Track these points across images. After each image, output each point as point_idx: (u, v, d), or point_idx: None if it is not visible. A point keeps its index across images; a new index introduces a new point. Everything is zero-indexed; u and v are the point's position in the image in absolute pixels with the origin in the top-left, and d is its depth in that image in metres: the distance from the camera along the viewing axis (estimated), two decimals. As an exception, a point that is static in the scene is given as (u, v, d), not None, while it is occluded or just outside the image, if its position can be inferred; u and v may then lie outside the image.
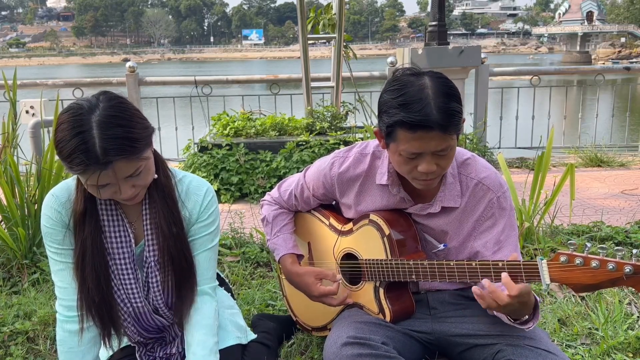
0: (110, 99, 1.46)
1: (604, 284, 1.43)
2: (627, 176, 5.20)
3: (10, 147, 3.14)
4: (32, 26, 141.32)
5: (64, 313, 1.66)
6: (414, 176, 1.63)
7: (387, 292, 1.80)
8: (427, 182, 1.65)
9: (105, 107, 1.42)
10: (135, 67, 6.02)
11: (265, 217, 2.07)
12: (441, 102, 1.51)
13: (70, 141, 1.38)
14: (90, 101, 1.44)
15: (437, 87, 1.53)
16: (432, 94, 1.52)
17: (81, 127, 1.39)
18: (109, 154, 1.38)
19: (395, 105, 1.54)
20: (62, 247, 1.63)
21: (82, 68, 75.56)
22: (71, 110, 1.43)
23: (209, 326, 1.68)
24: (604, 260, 1.41)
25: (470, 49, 5.89)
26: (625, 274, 1.38)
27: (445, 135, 1.52)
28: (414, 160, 1.58)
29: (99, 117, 1.40)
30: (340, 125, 5.11)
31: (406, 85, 1.55)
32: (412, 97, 1.52)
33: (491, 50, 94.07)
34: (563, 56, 68.22)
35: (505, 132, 6.41)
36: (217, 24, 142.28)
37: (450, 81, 1.59)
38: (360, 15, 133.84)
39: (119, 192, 1.49)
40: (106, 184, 1.46)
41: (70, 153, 1.38)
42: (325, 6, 5.47)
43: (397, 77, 1.60)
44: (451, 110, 1.52)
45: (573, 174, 3.06)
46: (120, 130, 1.40)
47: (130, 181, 1.48)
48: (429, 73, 1.58)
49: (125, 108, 1.46)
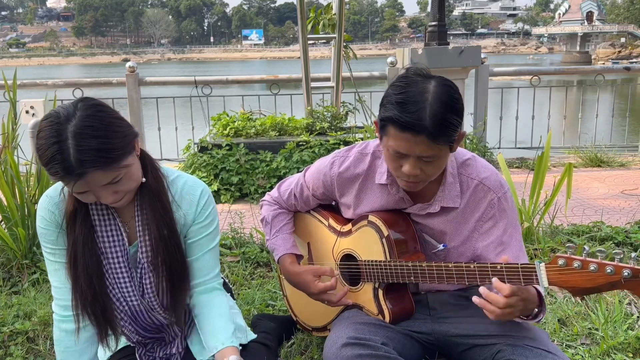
0: (87, 107, 1.44)
1: (602, 287, 1.42)
2: (627, 176, 5.20)
3: (10, 147, 3.14)
4: (32, 26, 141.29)
5: (60, 313, 1.67)
6: (398, 175, 1.64)
7: (386, 293, 1.80)
8: (409, 184, 1.65)
9: (81, 116, 1.41)
10: (135, 67, 6.02)
11: (265, 217, 2.06)
12: (437, 110, 1.49)
13: (47, 150, 1.38)
14: (67, 109, 1.43)
15: (439, 94, 1.52)
16: (431, 100, 1.50)
17: (57, 137, 1.38)
18: (84, 165, 1.38)
19: (392, 101, 1.54)
20: (56, 247, 1.64)
21: (82, 68, 75.55)
22: (50, 118, 1.42)
23: (226, 315, 1.72)
24: (602, 264, 1.40)
25: (470, 49, 5.89)
26: (624, 278, 1.37)
27: (433, 143, 1.51)
28: (399, 160, 1.59)
29: (74, 128, 1.39)
30: (340, 125, 5.11)
31: (410, 85, 1.54)
32: (410, 97, 1.52)
33: (491, 50, 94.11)
34: (563, 56, 68.20)
35: (505, 132, 6.41)
36: (217, 24, 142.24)
37: (456, 92, 1.56)
38: (360, 15, 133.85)
39: (100, 197, 1.49)
40: (85, 191, 1.46)
41: (47, 162, 1.39)
42: (325, 6, 5.47)
43: (406, 74, 1.59)
44: (445, 120, 1.50)
45: (571, 173, 3.06)
46: (94, 141, 1.39)
47: (110, 188, 1.48)
48: (438, 79, 1.56)
49: (101, 117, 1.44)
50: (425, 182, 1.65)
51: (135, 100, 6.01)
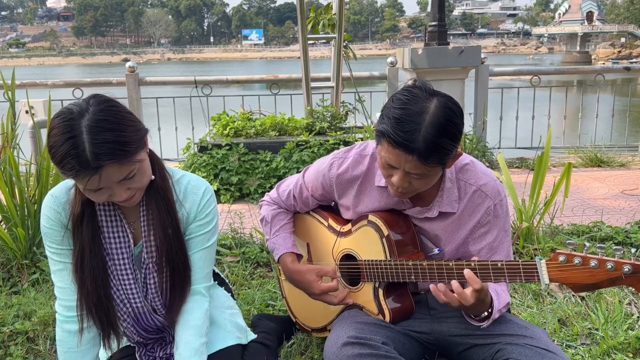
0: (100, 102, 1.45)
1: (603, 284, 1.43)
2: (627, 176, 5.20)
3: (10, 147, 3.14)
4: (32, 26, 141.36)
5: (64, 313, 1.66)
6: (389, 182, 1.66)
7: (386, 292, 1.80)
8: (398, 194, 1.66)
9: (95, 111, 1.42)
10: (135, 67, 6.02)
11: (264, 217, 2.06)
12: (431, 134, 1.48)
13: (62, 146, 1.38)
14: (80, 105, 1.43)
15: (438, 116, 1.49)
16: (427, 122, 1.49)
17: (71, 132, 1.38)
18: (99, 158, 1.38)
19: (390, 116, 1.53)
20: (61, 248, 1.63)
21: (82, 68, 75.53)
22: (62, 115, 1.42)
23: (197, 327, 1.67)
24: (602, 260, 1.42)
25: (470, 49, 5.89)
26: (624, 274, 1.38)
27: (423, 164, 1.52)
28: (390, 169, 1.60)
29: (88, 122, 1.39)
30: (340, 125, 5.10)
31: (411, 101, 1.52)
32: (408, 116, 1.50)
33: (491, 50, 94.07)
34: (563, 56, 68.16)
35: (505, 132, 6.41)
36: (217, 24, 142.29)
37: (457, 117, 1.53)
38: (360, 15, 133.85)
39: (114, 195, 1.49)
40: (100, 188, 1.45)
41: (62, 158, 1.38)
42: (325, 6, 5.47)
43: (411, 87, 1.57)
44: (437, 145, 1.49)
45: (570, 172, 3.06)
46: (110, 134, 1.39)
47: (125, 184, 1.48)
48: (442, 98, 1.53)
49: (115, 111, 1.45)
50: (414, 193, 1.67)
51: (135, 100, 6.01)
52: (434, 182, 1.66)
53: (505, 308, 1.74)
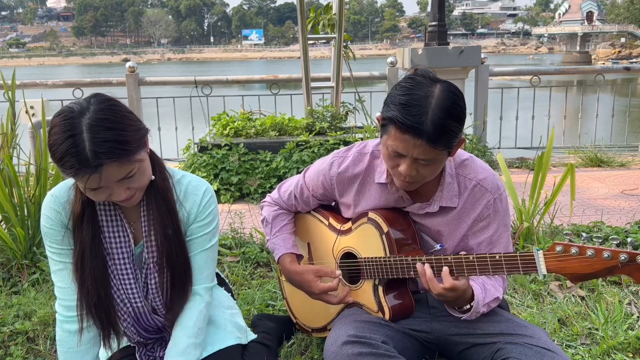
0: (101, 101, 1.45)
1: (600, 273, 1.45)
2: (627, 176, 5.20)
3: (9, 148, 3.14)
4: (32, 26, 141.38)
5: (64, 313, 1.66)
6: (395, 174, 1.66)
7: (386, 290, 1.80)
8: (404, 184, 1.66)
9: (95, 109, 1.42)
10: (135, 67, 6.02)
11: (265, 218, 2.07)
12: (438, 116, 1.50)
13: (62, 145, 1.38)
14: (81, 104, 1.43)
15: (443, 99, 1.52)
16: (434, 104, 1.51)
17: (72, 131, 1.38)
18: (99, 157, 1.38)
19: (396, 102, 1.54)
20: (62, 247, 1.63)
21: (82, 68, 75.53)
22: (63, 113, 1.42)
23: (187, 327, 1.67)
24: (599, 249, 1.44)
25: (470, 49, 5.90)
26: (621, 262, 1.41)
27: (432, 148, 1.52)
28: (397, 159, 1.60)
29: (89, 120, 1.39)
30: (340, 125, 5.11)
31: (415, 87, 1.54)
32: (414, 100, 1.52)
33: (491, 50, 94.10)
34: (563, 56, 68.16)
35: (505, 132, 6.41)
36: (217, 24, 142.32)
37: (461, 100, 1.56)
38: (360, 15, 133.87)
39: (114, 194, 1.49)
40: (100, 187, 1.45)
41: (62, 156, 1.39)
42: (325, 6, 5.47)
43: (413, 75, 1.59)
44: (446, 127, 1.51)
45: (573, 174, 3.06)
46: (110, 133, 1.40)
47: (124, 183, 1.48)
48: (444, 84, 1.56)
49: (116, 110, 1.45)
50: (420, 182, 1.67)
51: (135, 100, 6.01)
52: (438, 171, 1.66)
53: (495, 303, 1.74)
